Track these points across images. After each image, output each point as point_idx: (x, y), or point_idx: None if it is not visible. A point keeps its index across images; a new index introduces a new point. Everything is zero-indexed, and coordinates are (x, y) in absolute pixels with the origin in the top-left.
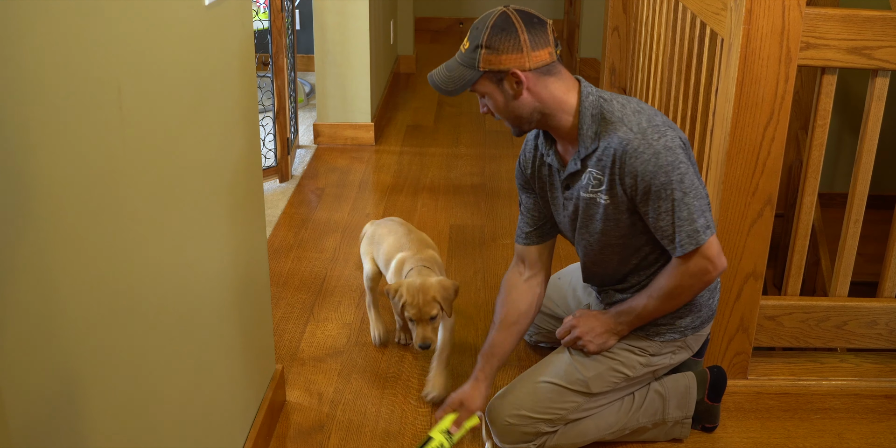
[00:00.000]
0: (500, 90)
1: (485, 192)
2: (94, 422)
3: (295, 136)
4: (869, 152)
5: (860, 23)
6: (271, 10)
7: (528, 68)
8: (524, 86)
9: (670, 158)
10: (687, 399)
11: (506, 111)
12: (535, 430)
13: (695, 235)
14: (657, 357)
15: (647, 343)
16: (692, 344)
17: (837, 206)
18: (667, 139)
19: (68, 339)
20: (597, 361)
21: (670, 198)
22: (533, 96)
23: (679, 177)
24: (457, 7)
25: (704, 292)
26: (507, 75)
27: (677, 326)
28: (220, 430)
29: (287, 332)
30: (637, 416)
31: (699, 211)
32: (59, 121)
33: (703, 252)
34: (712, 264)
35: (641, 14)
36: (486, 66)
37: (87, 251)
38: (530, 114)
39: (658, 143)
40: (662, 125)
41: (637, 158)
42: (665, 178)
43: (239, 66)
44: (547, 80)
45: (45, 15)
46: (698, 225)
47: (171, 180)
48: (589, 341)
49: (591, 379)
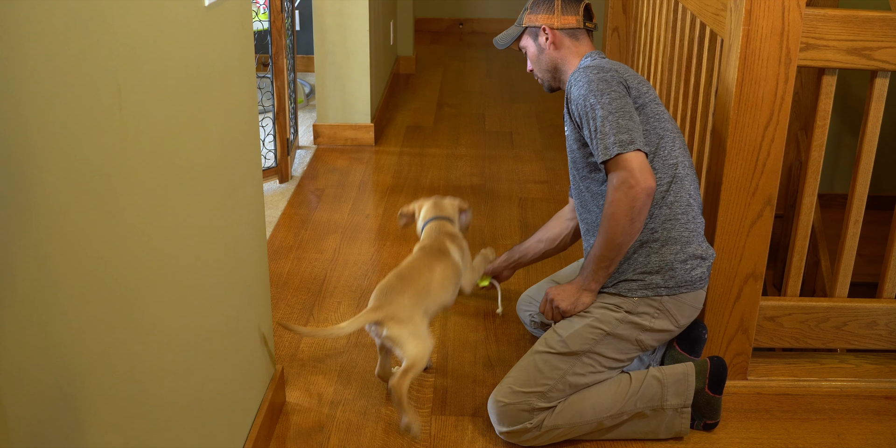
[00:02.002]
0: (536, 44)
1: (485, 193)
2: (93, 422)
3: (295, 136)
4: (869, 153)
5: (860, 23)
6: (271, 10)
7: (556, 27)
8: (550, 40)
9: (602, 86)
10: (685, 386)
11: (536, 63)
12: (530, 407)
13: (612, 147)
14: (634, 315)
15: (621, 299)
16: (672, 310)
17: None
18: (604, 74)
19: (68, 339)
20: (573, 321)
21: (595, 116)
22: (556, 52)
23: (608, 100)
24: (457, 8)
25: (677, 252)
26: (541, 31)
27: (648, 283)
28: (220, 430)
29: (287, 333)
30: (635, 401)
31: (623, 128)
32: (58, 121)
33: (622, 164)
34: (634, 177)
35: (641, 15)
36: (527, 23)
37: (87, 251)
38: (554, 68)
39: (594, 76)
40: (608, 68)
41: (574, 86)
42: (593, 100)
43: (239, 66)
44: (571, 42)
45: (45, 15)
46: (617, 139)
47: (170, 181)
48: (561, 299)
49: (568, 337)
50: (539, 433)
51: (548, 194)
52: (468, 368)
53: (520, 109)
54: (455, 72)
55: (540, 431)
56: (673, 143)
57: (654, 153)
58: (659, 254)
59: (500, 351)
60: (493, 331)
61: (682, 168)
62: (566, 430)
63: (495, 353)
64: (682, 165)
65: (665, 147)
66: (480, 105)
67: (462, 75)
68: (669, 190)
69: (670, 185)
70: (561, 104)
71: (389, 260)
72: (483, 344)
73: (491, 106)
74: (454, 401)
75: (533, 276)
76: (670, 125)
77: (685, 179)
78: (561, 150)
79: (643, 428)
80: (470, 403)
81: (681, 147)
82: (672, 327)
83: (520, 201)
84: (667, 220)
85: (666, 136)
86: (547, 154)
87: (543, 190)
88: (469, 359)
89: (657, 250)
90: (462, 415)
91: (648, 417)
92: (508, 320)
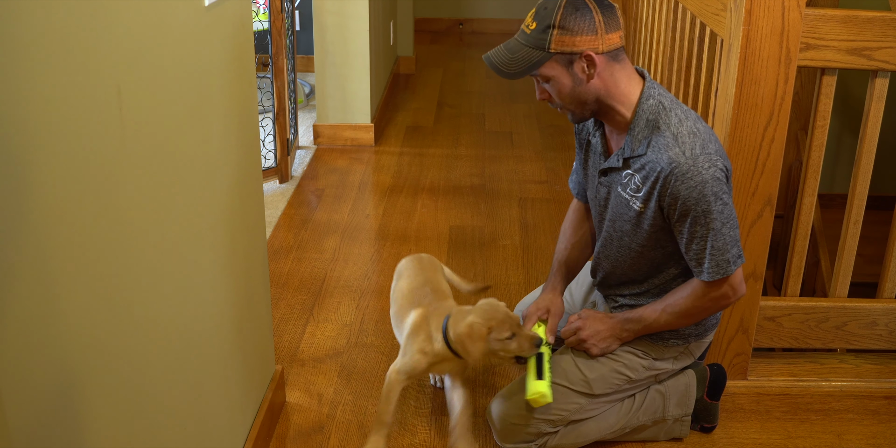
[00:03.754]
0: (569, 73)
1: (485, 193)
2: (93, 422)
3: (295, 136)
4: (868, 153)
5: (860, 24)
6: (271, 10)
7: (602, 51)
8: (596, 69)
9: (716, 189)
10: (687, 397)
11: (571, 96)
12: (537, 431)
13: (725, 265)
14: (660, 361)
15: (650, 347)
16: (695, 350)
17: (837, 207)
18: (716, 169)
19: (68, 339)
20: (600, 363)
21: (708, 226)
22: (601, 82)
23: (720, 207)
24: (457, 8)
25: None
26: (579, 58)
27: (681, 333)
28: (220, 430)
29: (287, 333)
30: (638, 415)
31: (733, 241)
32: (58, 121)
33: (729, 281)
34: (734, 291)
35: (641, 15)
36: (559, 48)
37: (87, 251)
38: (595, 100)
39: (707, 173)
40: (714, 154)
41: (683, 183)
42: (706, 206)
43: (239, 66)
44: (615, 67)
45: (45, 15)
46: (730, 255)
47: (170, 181)
48: (593, 345)
49: (593, 380)
50: None
51: (548, 194)
52: (468, 370)
53: (520, 109)
54: (455, 72)
55: None
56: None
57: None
58: None
59: None
60: None
61: None
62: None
63: None
64: None
65: None
66: (480, 105)
67: (462, 75)
68: None
69: None
70: None
71: (389, 260)
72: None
73: (491, 106)
74: None
75: (534, 276)
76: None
77: None
78: (561, 149)
79: (642, 435)
80: None
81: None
82: (689, 362)
83: (520, 201)
84: None
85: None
86: (547, 154)
87: (543, 190)
88: None
89: None
90: None
91: (650, 427)
92: None
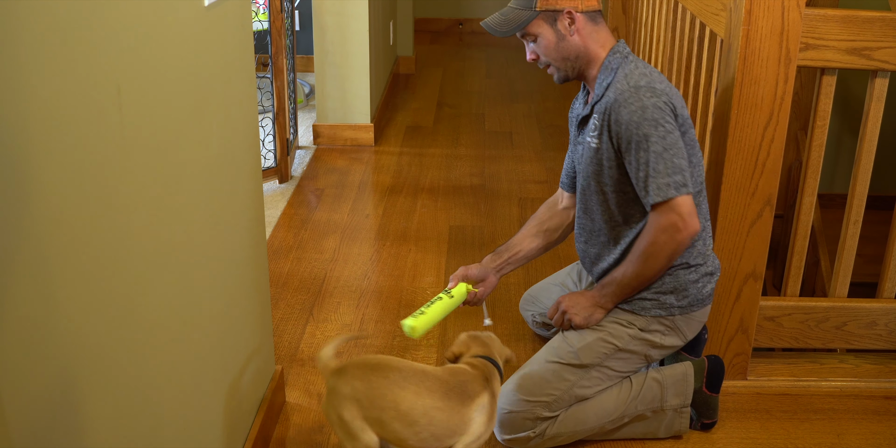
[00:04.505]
0: (553, 30)
1: (484, 193)
2: (93, 422)
3: (294, 136)
4: (868, 153)
5: (860, 24)
6: (271, 10)
7: (581, 10)
8: (576, 26)
9: (657, 115)
10: (685, 386)
11: (555, 52)
12: (534, 416)
13: (666, 189)
14: (646, 333)
15: (634, 317)
16: (683, 327)
17: (837, 207)
18: (657, 99)
19: (67, 339)
20: (585, 334)
21: (649, 149)
22: (580, 39)
23: (662, 133)
24: (457, 8)
25: (690, 273)
26: (561, 15)
27: (662, 303)
28: (220, 430)
29: (287, 333)
30: (636, 404)
31: (676, 168)
32: (58, 121)
33: (674, 207)
34: (683, 222)
35: (641, 15)
36: (543, 6)
37: (87, 251)
38: (575, 57)
39: (648, 101)
40: (661, 90)
41: (625, 108)
42: (648, 130)
43: (238, 66)
44: (592, 27)
45: (45, 15)
46: (672, 180)
47: (170, 181)
48: (575, 314)
49: (580, 350)
50: (542, 441)
51: (548, 194)
52: None
53: (520, 109)
54: (455, 72)
55: (543, 439)
56: (700, 168)
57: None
58: (674, 276)
59: None
60: (494, 331)
61: (703, 192)
62: (568, 437)
63: None
64: (703, 189)
65: (695, 176)
66: (480, 105)
67: (462, 75)
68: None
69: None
70: (563, 104)
71: (389, 260)
72: None
73: (491, 106)
74: None
75: (533, 275)
76: (698, 146)
77: (702, 203)
78: (561, 150)
79: (643, 429)
80: None
81: (702, 169)
82: (680, 343)
83: (520, 201)
84: (687, 249)
85: (697, 164)
86: (547, 154)
87: (543, 190)
88: None
89: (672, 272)
90: None
91: (649, 419)
92: (509, 320)
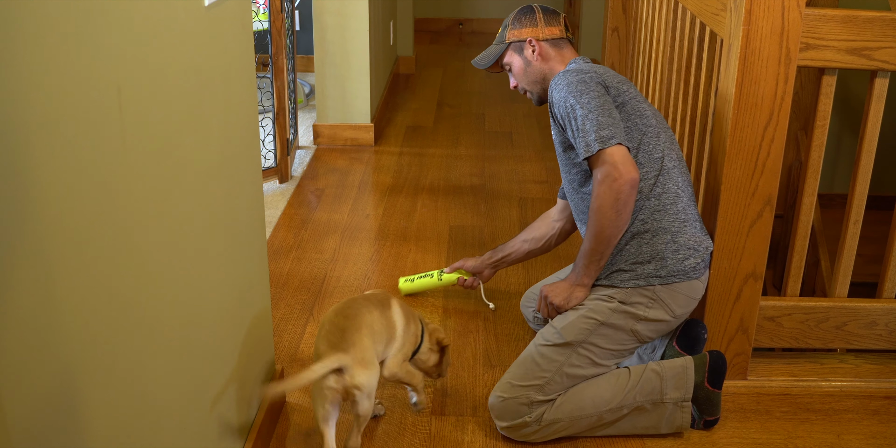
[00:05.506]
0: (521, 57)
1: (484, 193)
2: (93, 422)
3: (294, 136)
4: (868, 153)
5: (860, 24)
6: (271, 10)
7: (542, 38)
8: (538, 52)
9: (580, 87)
10: (684, 379)
11: (524, 76)
12: (529, 400)
13: (593, 143)
14: (627, 305)
15: (614, 290)
16: (666, 299)
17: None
18: (583, 76)
19: (68, 339)
20: (567, 314)
21: (576, 115)
22: (544, 63)
23: (587, 100)
24: (456, 8)
25: (668, 242)
26: (525, 43)
27: (640, 273)
28: (220, 430)
29: (287, 333)
30: (634, 394)
31: (603, 125)
32: (58, 121)
33: (604, 158)
34: (617, 170)
35: (641, 15)
36: (511, 38)
37: (87, 252)
38: (542, 78)
39: (573, 78)
40: (588, 70)
41: (555, 90)
42: (573, 100)
43: (239, 66)
44: (556, 52)
45: (45, 15)
46: (598, 135)
47: (170, 181)
48: (555, 296)
49: (563, 329)
50: (539, 427)
51: (548, 194)
52: (468, 368)
53: (520, 109)
54: (455, 72)
55: (540, 425)
56: (657, 137)
57: (637, 148)
58: (650, 244)
59: (500, 350)
60: (492, 330)
61: (669, 161)
62: (566, 424)
63: (495, 352)
64: (669, 158)
65: (649, 142)
66: (480, 105)
67: (462, 75)
68: (657, 182)
69: (657, 178)
70: None
71: (389, 260)
72: (483, 343)
73: (491, 106)
74: (454, 400)
75: (533, 275)
76: (654, 121)
77: (672, 171)
78: None
79: (643, 422)
80: (470, 403)
81: (667, 140)
82: (668, 317)
83: (520, 201)
84: (656, 211)
85: (649, 131)
86: (547, 154)
87: (543, 190)
88: (469, 358)
89: (648, 241)
90: (462, 414)
91: (648, 411)
92: (509, 319)
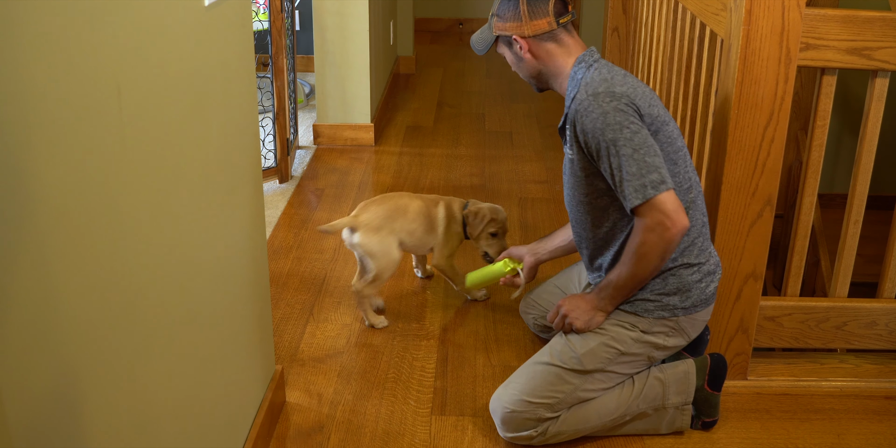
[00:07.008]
0: (511, 52)
1: (485, 193)
2: (93, 422)
3: (294, 136)
4: (869, 153)
5: (860, 23)
6: (271, 10)
7: (528, 35)
8: (526, 49)
9: (619, 118)
10: (686, 384)
11: (518, 70)
12: (537, 417)
13: (642, 189)
14: (649, 335)
15: (637, 319)
16: (686, 328)
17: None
18: (618, 103)
19: (68, 339)
20: (588, 338)
21: (619, 154)
22: (536, 59)
23: (629, 135)
24: (456, 8)
25: (693, 273)
26: (512, 39)
27: (665, 304)
28: (220, 430)
29: (287, 333)
30: (638, 403)
31: (651, 167)
32: (58, 121)
33: (657, 206)
34: (670, 219)
35: (641, 15)
36: (497, 32)
37: (87, 251)
38: (537, 74)
39: (608, 106)
40: (621, 93)
41: (587, 117)
42: (613, 135)
43: (239, 66)
44: (548, 46)
45: (45, 15)
46: (648, 180)
47: (170, 181)
48: (575, 318)
49: (583, 355)
50: (544, 438)
51: (548, 194)
52: (468, 368)
53: (520, 109)
54: (455, 72)
55: (545, 437)
56: (686, 164)
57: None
58: (676, 276)
59: (501, 350)
60: (493, 330)
61: (695, 189)
62: (570, 435)
63: (496, 352)
64: (695, 186)
65: (679, 173)
66: (480, 105)
67: (462, 75)
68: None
69: (687, 211)
70: (562, 104)
71: None
72: (483, 343)
73: (491, 106)
74: (454, 401)
75: None
76: (680, 142)
77: (697, 199)
78: (561, 149)
79: (644, 425)
80: (470, 404)
81: (690, 165)
82: (683, 343)
83: (520, 201)
84: (686, 248)
85: (679, 159)
86: (547, 154)
87: (543, 190)
88: (469, 358)
89: (675, 273)
90: (462, 415)
91: (650, 416)
92: (509, 320)
